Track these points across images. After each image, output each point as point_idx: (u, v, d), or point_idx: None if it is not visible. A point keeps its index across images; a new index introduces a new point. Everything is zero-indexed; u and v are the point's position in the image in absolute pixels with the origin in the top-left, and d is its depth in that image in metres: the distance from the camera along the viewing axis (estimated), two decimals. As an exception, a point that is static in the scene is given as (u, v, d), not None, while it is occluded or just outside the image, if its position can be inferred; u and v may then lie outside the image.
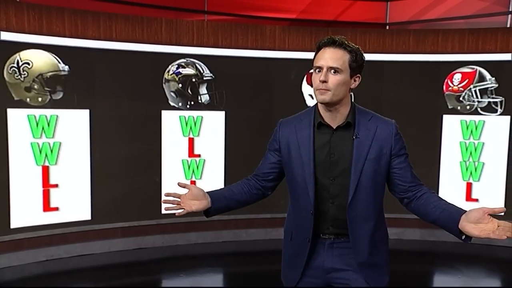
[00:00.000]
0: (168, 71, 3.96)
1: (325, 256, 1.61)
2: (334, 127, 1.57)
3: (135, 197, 3.97)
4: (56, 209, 3.70)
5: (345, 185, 1.56)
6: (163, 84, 3.96)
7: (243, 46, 4.12)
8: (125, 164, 3.91)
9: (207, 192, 1.68)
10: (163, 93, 3.97)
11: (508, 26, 4.48)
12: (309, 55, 4.53)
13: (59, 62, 3.60)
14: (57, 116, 3.63)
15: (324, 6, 5.04)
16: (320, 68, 1.52)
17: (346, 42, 1.53)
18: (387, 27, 5.05)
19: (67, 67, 3.62)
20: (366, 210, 1.57)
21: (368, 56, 4.51)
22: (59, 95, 3.63)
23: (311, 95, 4.31)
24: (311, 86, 4.29)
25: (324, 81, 1.50)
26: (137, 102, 3.88)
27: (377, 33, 4.32)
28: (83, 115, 3.73)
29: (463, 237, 1.45)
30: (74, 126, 3.71)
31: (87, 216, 3.83)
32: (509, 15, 4.54)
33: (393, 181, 1.61)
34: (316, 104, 1.62)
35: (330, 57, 1.50)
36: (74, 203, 3.77)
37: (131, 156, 3.91)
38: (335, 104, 1.53)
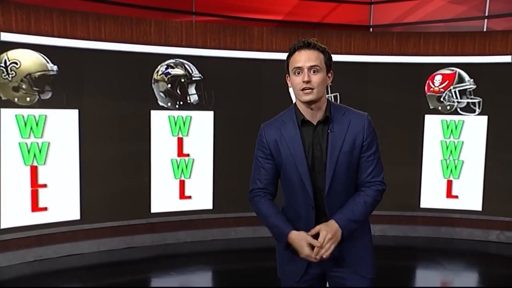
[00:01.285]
0: (157, 72, 3.99)
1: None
2: (315, 123, 1.66)
3: (125, 197, 3.98)
4: (45, 209, 3.69)
5: (325, 177, 1.64)
6: (152, 84, 3.99)
7: (232, 47, 4.18)
8: (114, 163, 3.92)
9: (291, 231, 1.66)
10: (152, 93, 4.00)
11: (485, 30, 4.68)
12: (296, 56, 4.57)
13: (48, 62, 3.59)
14: (45, 116, 3.63)
15: (309, 8, 5.15)
16: (300, 69, 1.60)
17: (318, 43, 1.63)
18: (371, 30, 5.20)
19: (55, 67, 3.62)
20: (341, 199, 1.66)
21: (353, 58, 4.66)
22: (47, 95, 3.63)
23: (298, 96, 4.39)
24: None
25: (308, 81, 1.58)
26: (126, 102, 3.90)
27: (361, 35, 4.44)
28: (72, 115, 3.73)
29: None
30: (63, 126, 3.71)
31: (76, 216, 3.83)
32: (485, 20, 4.74)
33: (359, 170, 1.69)
34: (294, 103, 1.71)
35: (308, 58, 1.59)
36: (63, 203, 3.77)
37: (120, 156, 3.93)
38: (317, 101, 1.62)
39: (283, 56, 4.38)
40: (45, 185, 3.67)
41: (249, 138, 4.35)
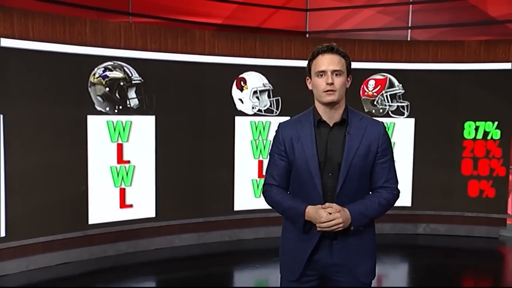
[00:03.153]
0: (94, 74, 3.76)
1: (327, 252, 1.72)
2: (331, 124, 1.72)
3: (59, 208, 3.69)
4: (-36, 226, 3.30)
5: (337, 177, 1.69)
6: (89, 88, 3.75)
7: (173, 50, 4.08)
8: (47, 173, 3.61)
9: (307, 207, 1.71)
10: (89, 97, 3.76)
11: (409, 39, 5.08)
12: (239, 60, 4.65)
13: (-34, 62, 3.22)
14: (-36, 122, 3.25)
15: (248, 13, 5.20)
16: (323, 72, 1.68)
17: (340, 49, 1.72)
18: (307, 35, 5.39)
19: (-25, 67, 3.26)
20: (351, 200, 1.70)
21: (293, 63, 4.78)
22: (-34, 99, 3.25)
23: (240, 99, 4.42)
24: (241, 90, 4.42)
25: (332, 83, 1.66)
26: (60, 106, 3.62)
27: (301, 40, 4.58)
28: (-4, 121, 3.38)
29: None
30: (-15, 133, 3.34)
31: (0, 233, 3.47)
32: (409, 30, 5.15)
33: (372, 176, 1.77)
34: (313, 105, 1.78)
35: (331, 62, 1.67)
36: (-14, 218, 3.39)
37: (53, 164, 3.63)
38: (337, 103, 1.70)
39: (225, 59, 4.45)
40: (-36, 200, 3.28)
41: (192, 143, 4.33)
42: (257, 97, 4.44)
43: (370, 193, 1.78)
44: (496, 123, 4.63)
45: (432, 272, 3.83)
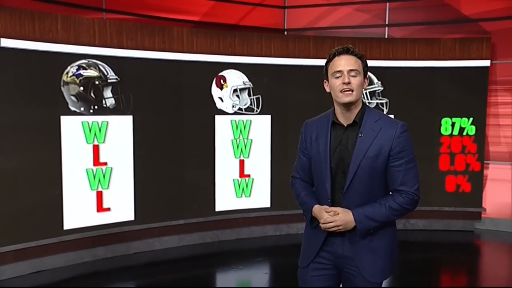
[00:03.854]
0: (67, 73, 3.59)
1: (338, 244, 1.77)
2: (345, 126, 1.76)
3: (31, 214, 3.50)
4: None
5: (346, 177, 1.74)
6: (62, 87, 3.57)
7: (150, 48, 3.95)
8: (16, 177, 3.42)
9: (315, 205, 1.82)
10: (62, 97, 3.58)
11: (386, 37, 5.13)
12: (218, 57, 4.56)
13: None
14: None
15: (226, 10, 5.11)
16: (340, 73, 1.71)
17: (356, 50, 1.75)
18: (285, 33, 5.35)
19: None
20: (359, 200, 1.72)
21: (273, 60, 4.73)
22: None
23: (220, 98, 4.33)
24: (220, 89, 4.34)
25: (348, 82, 1.69)
26: (31, 107, 3.44)
27: (280, 38, 4.53)
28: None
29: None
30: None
31: (-33, 242, 3.27)
32: (386, 28, 5.19)
33: (386, 178, 1.75)
34: (333, 106, 1.81)
35: (347, 62, 1.71)
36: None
37: (25, 167, 3.44)
38: (353, 104, 1.72)
39: (204, 57, 4.35)
40: None
41: (171, 143, 4.21)
42: (237, 96, 4.37)
43: (390, 193, 1.77)
44: (471, 119, 4.74)
45: (411, 267, 3.87)
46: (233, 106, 4.37)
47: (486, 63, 4.67)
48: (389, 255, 1.79)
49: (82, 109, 3.67)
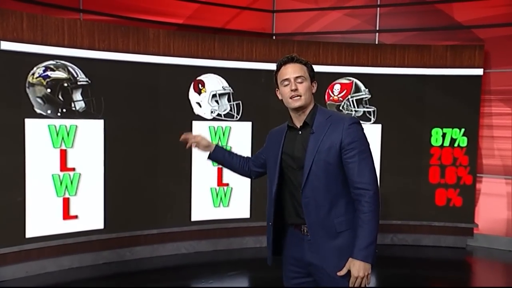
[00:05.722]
0: (33, 74, 3.45)
1: (303, 249, 1.83)
2: (299, 127, 1.87)
3: (-9, 221, 3.35)
4: None
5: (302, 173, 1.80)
6: (27, 89, 3.43)
7: (124, 50, 3.81)
8: (-23, 182, 3.28)
9: (215, 144, 2.15)
10: (27, 99, 3.44)
11: (377, 42, 4.94)
12: (196, 61, 4.40)
13: None
14: None
15: (211, 13, 4.96)
16: (287, 81, 1.83)
17: (300, 58, 1.86)
18: (274, 37, 5.19)
19: None
20: (318, 196, 1.76)
21: (255, 65, 4.56)
22: None
23: (198, 103, 4.16)
24: (199, 94, 4.18)
25: (296, 89, 1.80)
26: (-8, 108, 3.30)
27: (263, 42, 4.37)
28: None
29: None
30: None
31: None
32: (377, 33, 5.01)
33: (346, 173, 1.76)
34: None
35: (293, 70, 1.82)
36: None
37: (-16, 172, 3.30)
38: (304, 108, 1.83)
39: (181, 60, 4.17)
40: None
41: (145, 150, 4.04)
42: (216, 101, 4.20)
43: (355, 200, 1.76)
44: (463, 130, 4.52)
45: (399, 284, 3.65)
46: (211, 112, 4.20)
47: (479, 71, 4.46)
48: (341, 249, 1.79)
49: (49, 111, 3.52)
